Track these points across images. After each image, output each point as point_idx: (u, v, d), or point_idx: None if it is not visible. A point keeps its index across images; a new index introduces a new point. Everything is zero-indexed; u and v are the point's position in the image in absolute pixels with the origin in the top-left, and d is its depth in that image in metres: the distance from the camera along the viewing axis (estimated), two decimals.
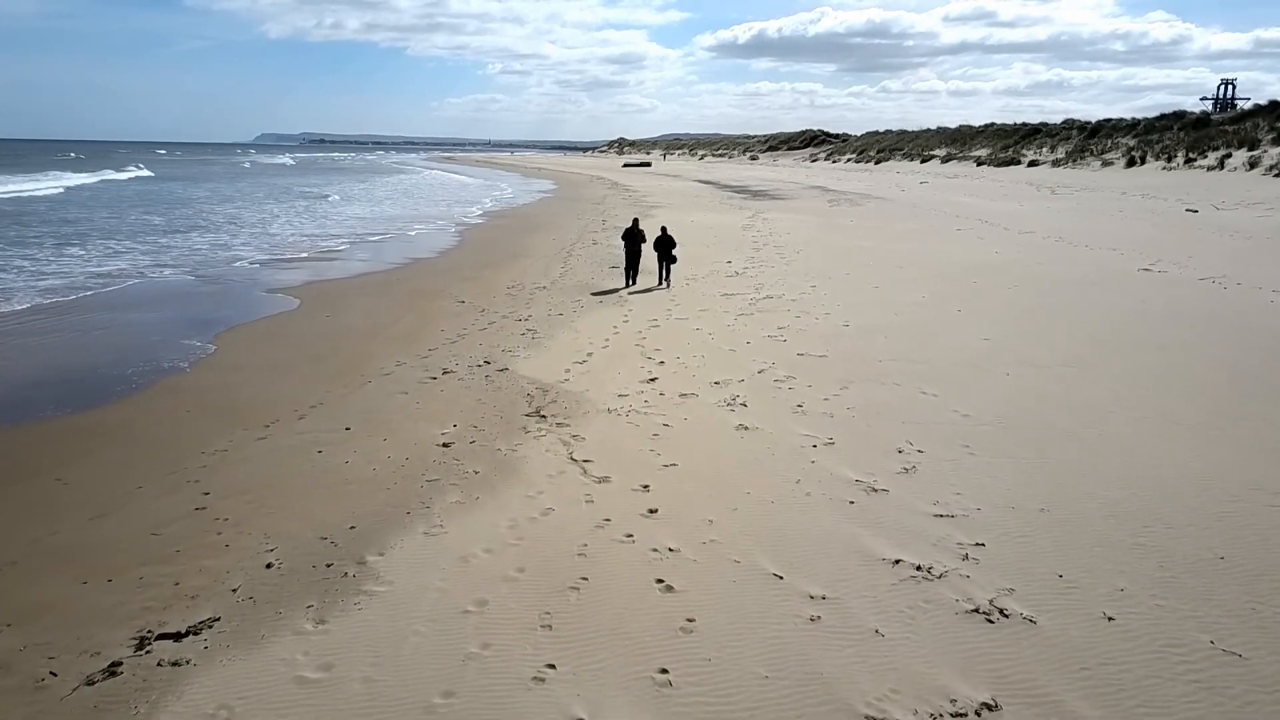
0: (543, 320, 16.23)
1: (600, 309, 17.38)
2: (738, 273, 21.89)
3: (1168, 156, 57.91)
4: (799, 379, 11.70)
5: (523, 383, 11.83)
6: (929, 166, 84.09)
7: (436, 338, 14.87)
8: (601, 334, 14.95)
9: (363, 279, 21.98)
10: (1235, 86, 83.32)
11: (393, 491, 8.07)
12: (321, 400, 11.18)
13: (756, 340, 14.18)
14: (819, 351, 13.23)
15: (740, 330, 15.00)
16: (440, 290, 20.01)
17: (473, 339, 14.72)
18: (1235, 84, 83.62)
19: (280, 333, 15.48)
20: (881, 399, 10.75)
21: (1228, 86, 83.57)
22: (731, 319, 16.02)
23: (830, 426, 9.68)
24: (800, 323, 15.48)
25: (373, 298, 19.13)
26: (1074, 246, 25.93)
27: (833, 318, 15.90)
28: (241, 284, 20.89)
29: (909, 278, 20.55)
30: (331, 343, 14.63)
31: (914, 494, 7.77)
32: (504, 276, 22.09)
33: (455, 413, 10.49)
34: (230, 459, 9.07)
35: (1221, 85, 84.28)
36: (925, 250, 25.72)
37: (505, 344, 14.25)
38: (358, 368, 12.85)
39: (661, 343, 14.14)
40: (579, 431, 9.66)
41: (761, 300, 17.82)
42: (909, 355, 12.97)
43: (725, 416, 10.14)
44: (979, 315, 16.01)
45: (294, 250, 27.43)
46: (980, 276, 20.54)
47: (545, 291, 19.57)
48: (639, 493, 7.89)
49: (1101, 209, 38.39)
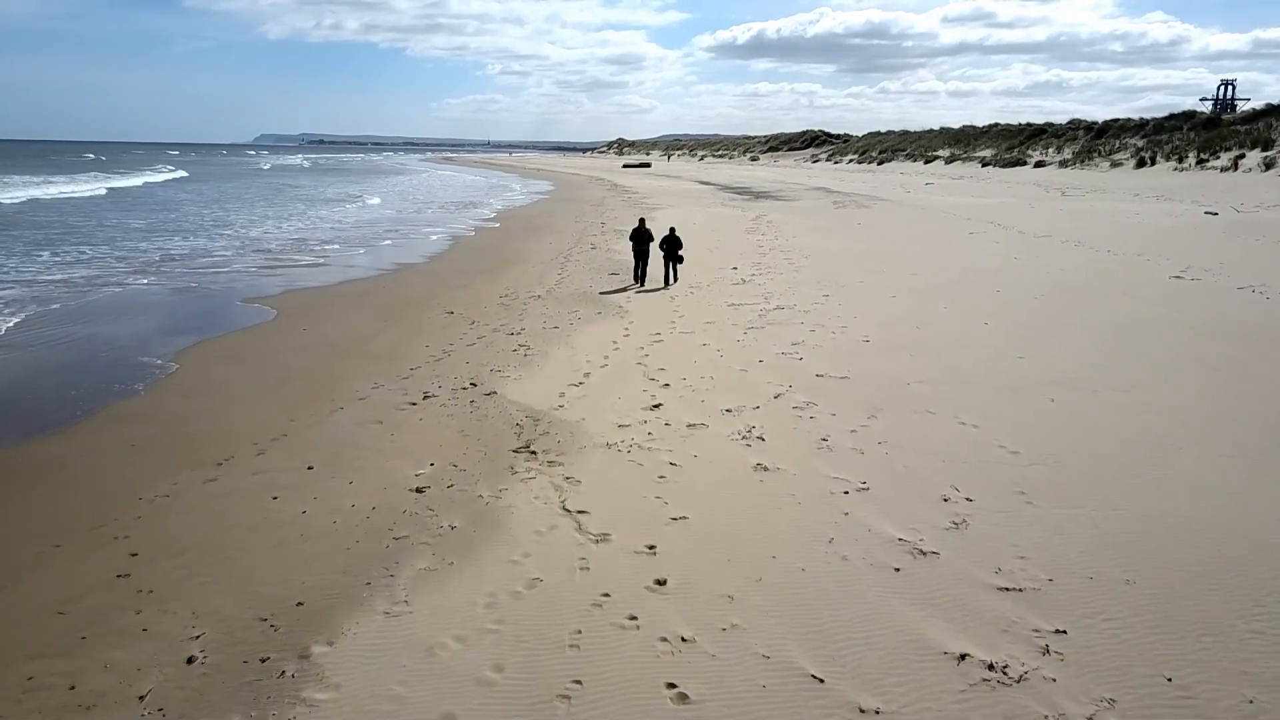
0: (536, 334, 15.01)
1: (599, 321, 16.17)
2: (744, 280, 20.67)
3: (1178, 157, 56.75)
4: (820, 405, 10.48)
5: (512, 409, 10.60)
6: (933, 167, 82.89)
7: (420, 354, 13.65)
8: (600, 350, 13.73)
9: (346, 287, 20.74)
10: (1235, 87, 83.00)
11: (353, 552, 6.85)
12: (285, 431, 9.95)
13: (769, 358, 12.96)
14: (839, 372, 12.02)
15: (751, 346, 13.78)
16: (428, 299, 18.80)
17: (459, 356, 13.49)
18: (1235, 84, 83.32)
19: (250, 349, 14.24)
20: (916, 431, 9.52)
21: (1227, 87, 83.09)
22: (741, 333, 14.81)
23: (862, 466, 8.46)
24: (816, 338, 14.26)
25: (355, 308, 17.91)
26: (1095, 251, 24.71)
27: (850, 332, 14.68)
28: (220, 292, 19.66)
29: (926, 286, 19.34)
30: (305, 361, 13.40)
31: (969, 557, 6.55)
32: (497, 284, 20.88)
33: (434, 447, 9.27)
34: (171, 507, 7.84)
35: (1221, 86, 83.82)
36: (939, 255, 24.51)
37: (494, 362, 13.03)
38: (330, 391, 11.63)
39: (666, 361, 12.92)
40: (574, 472, 8.45)
41: (772, 312, 16.60)
42: (939, 376, 11.75)
43: (740, 453, 8.92)
44: (1008, 328, 14.79)
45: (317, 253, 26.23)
46: (1002, 284, 19.32)
47: (540, 301, 18.36)
48: (643, 555, 6.67)
49: (1116, 211, 37.16)
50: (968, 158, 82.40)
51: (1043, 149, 74.87)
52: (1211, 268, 21.06)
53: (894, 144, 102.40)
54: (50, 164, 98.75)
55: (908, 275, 21.19)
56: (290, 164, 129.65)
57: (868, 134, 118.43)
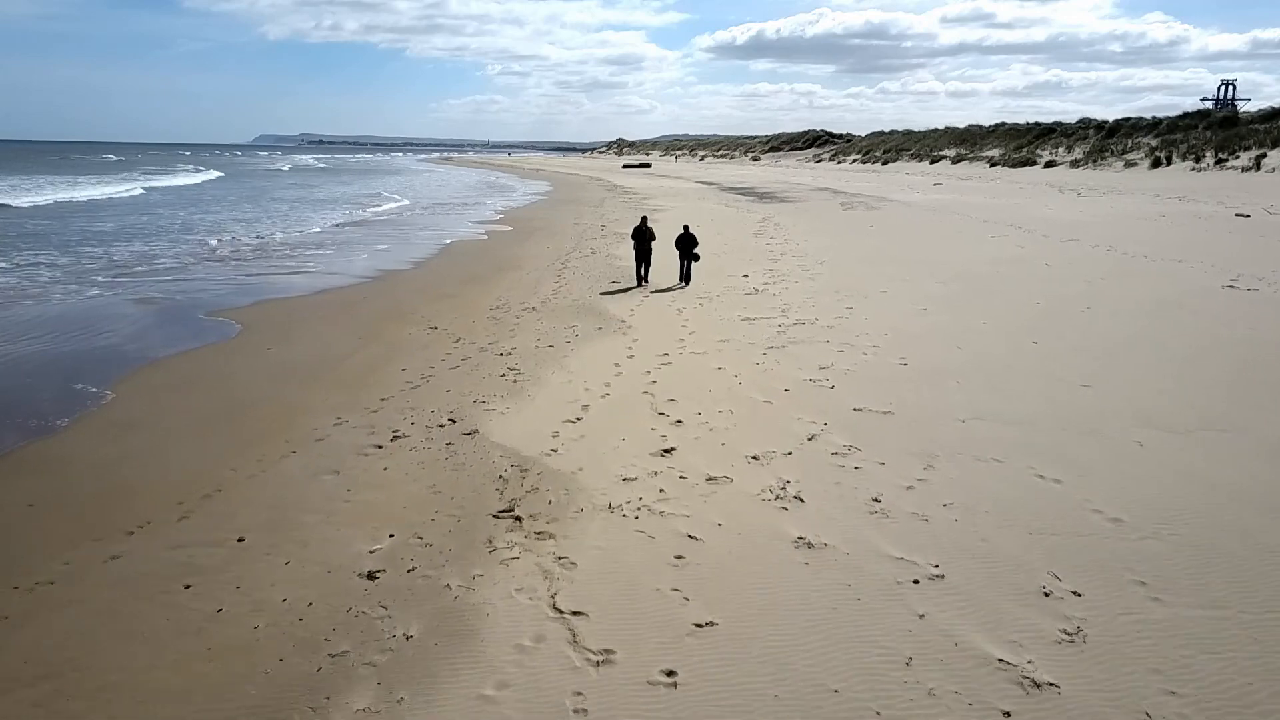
0: (529, 354, 13.30)
1: (599, 338, 14.45)
2: (757, 290, 18.96)
3: (1195, 157, 55.08)
4: (864, 450, 8.77)
5: (495, 455, 8.89)
6: (939, 167, 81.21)
7: (395, 380, 11.94)
8: (600, 375, 12.03)
9: (325, 297, 19.01)
10: (1235, 87, 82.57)
11: (272, 678, 5.13)
12: (222, 484, 8.23)
13: (796, 385, 11.25)
14: (880, 405, 10.30)
15: (773, 370, 12.07)
16: (411, 311, 17.08)
17: (440, 382, 11.78)
18: (1235, 85, 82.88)
19: (202, 374, 12.51)
20: (985, 487, 7.82)
21: (1228, 87, 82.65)
22: (759, 353, 13.10)
23: (929, 540, 6.76)
24: (845, 360, 12.55)
25: (330, 322, 16.18)
26: (1130, 257, 23.00)
27: (884, 353, 12.97)
28: (186, 304, 17.92)
29: (956, 296, 17.63)
30: (262, 388, 11.68)
31: (1102, 693, 4.85)
32: (488, 293, 19.17)
33: (397, 509, 7.56)
34: (53, 600, 6.13)
35: (1222, 86, 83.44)
36: (962, 261, 22.80)
37: (479, 390, 11.32)
38: (285, 428, 9.91)
39: (676, 388, 11.22)
40: (567, 548, 6.74)
41: (792, 327, 14.89)
42: (998, 411, 10.04)
43: (775, 520, 7.21)
44: (1062, 350, 13.08)
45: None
46: (1039, 295, 17.61)
47: (534, 314, 16.64)
48: (660, 688, 4.96)
49: (1139, 213, 35.45)
50: (975, 158, 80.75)
51: (1052, 149, 73.23)
52: (1264, 275, 19.36)
53: (898, 144, 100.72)
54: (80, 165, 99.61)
55: (933, 284, 19.48)
56: (305, 165, 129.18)
57: (871, 134, 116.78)
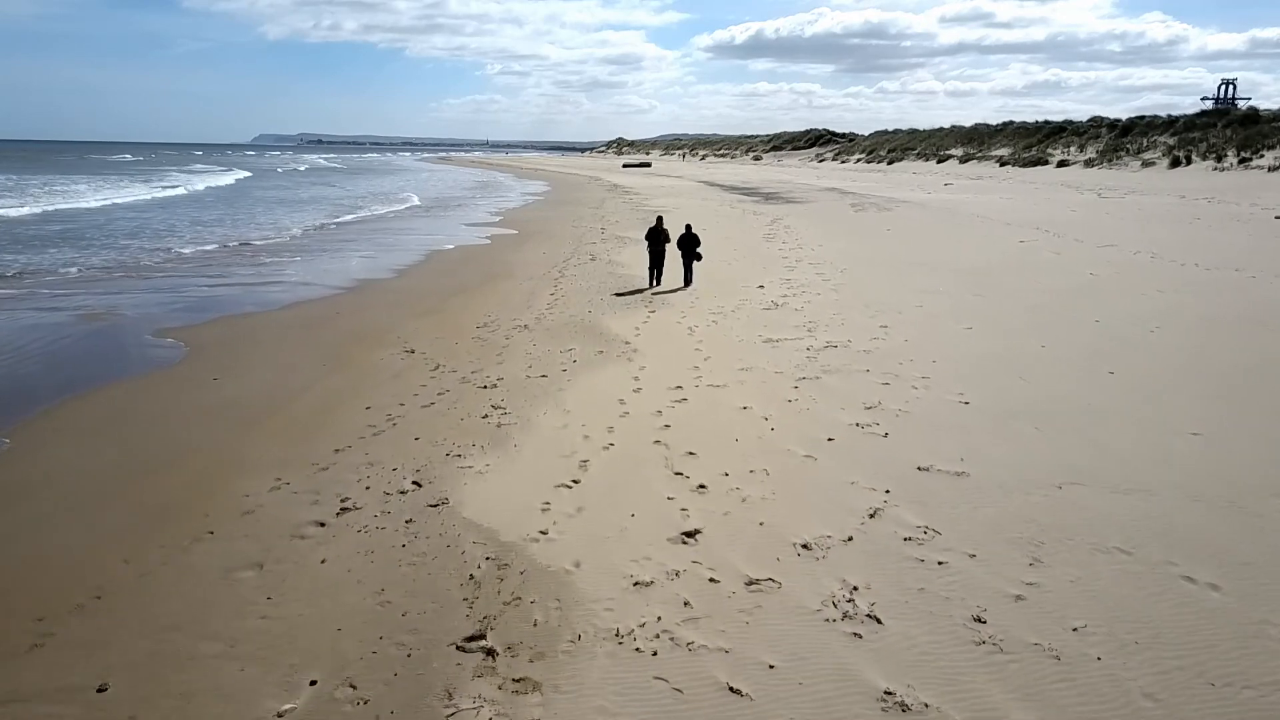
0: (518, 387, 11.27)
1: (601, 365, 12.44)
2: (776, 303, 16.95)
3: (1216, 156, 53.13)
4: (945, 534, 6.76)
5: (467, 540, 6.87)
6: (946, 166, 79.29)
7: (356, 422, 9.91)
8: (603, 414, 10.01)
9: (292, 312, 16.97)
10: (1236, 86, 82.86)
11: None
12: (103, 588, 6.20)
13: (840, 432, 9.24)
14: (949, 462, 8.28)
15: (809, 410, 10.06)
16: (387, 331, 15.05)
17: (408, 426, 9.76)
18: (1236, 84, 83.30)
19: (125, 414, 10.46)
20: (1121, 598, 5.79)
21: (1228, 86, 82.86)
22: (790, 386, 11.08)
23: (1072, 696, 4.74)
24: (894, 396, 10.53)
25: (293, 344, 14.15)
26: (1181, 265, 20.99)
27: (937, 386, 10.96)
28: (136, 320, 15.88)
29: (1001, 313, 15.62)
30: (194, 435, 9.66)
31: None
32: (475, 308, 17.15)
33: (328, 632, 5.54)
34: None
35: (1222, 85, 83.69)
36: (995, 269, 20.78)
37: (455, 437, 9.30)
38: (208, 495, 7.89)
39: (694, 435, 9.20)
40: (559, 711, 4.71)
41: (823, 351, 12.88)
42: (1099, 472, 8.01)
43: (847, 657, 5.18)
44: (1148, 383, 11.06)
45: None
46: (1095, 310, 15.59)
47: (527, 333, 14.63)
48: None
49: (1169, 215, 33.45)
50: (983, 157, 78.81)
51: (1063, 148, 71.25)
52: None
53: (903, 143, 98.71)
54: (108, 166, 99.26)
55: (970, 296, 17.49)
56: (321, 165, 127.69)
57: (874, 133, 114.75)
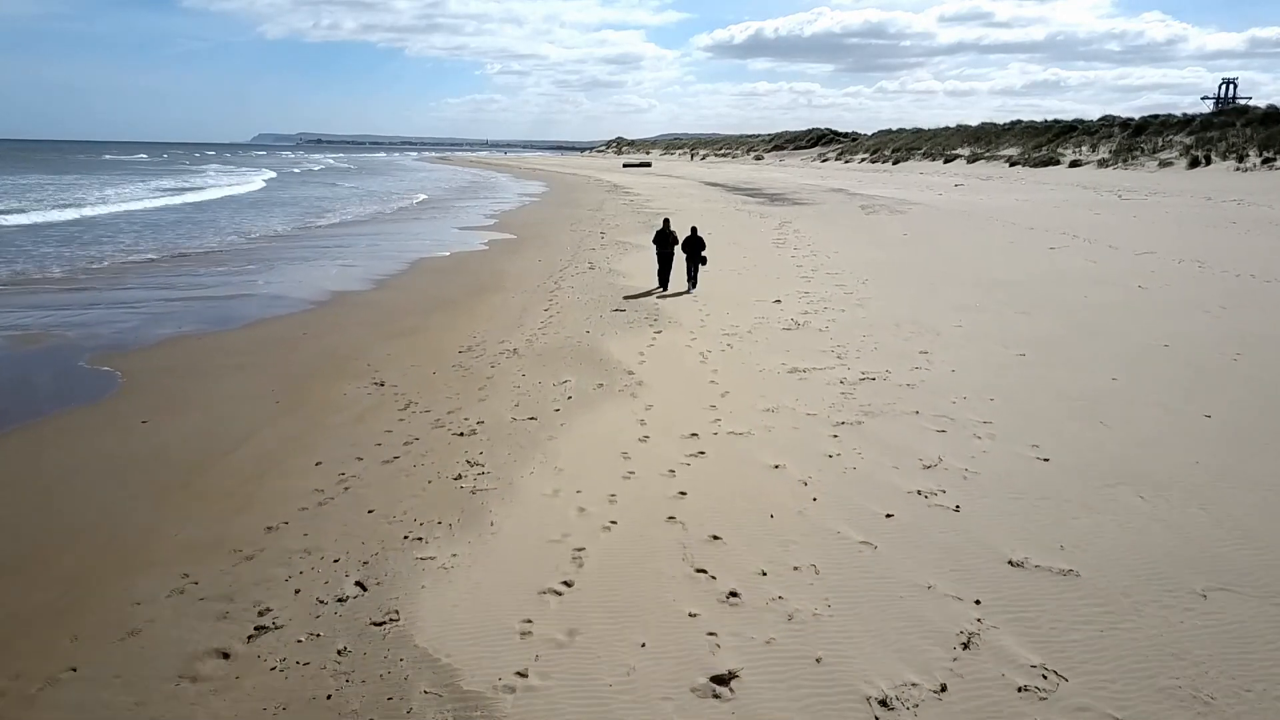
0: (500, 435, 9.40)
1: (600, 404, 10.56)
2: (796, 322, 15.08)
3: (1237, 156, 51.28)
4: (1071, 678, 4.89)
5: (416, 686, 4.98)
6: (953, 166, 77.47)
7: (298, 488, 8.05)
8: (602, 476, 8.15)
9: (255, 331, 15.10)
10: (1237, 86, 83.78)
11: None
12: None
13: (900, 505, 7.37)
14: (1046, 551, 6.41)
15: (857, 471, 8.18)
16: (357, 355, 13.20)
17: (362, 492, 7.89)
18: (1237, 83, 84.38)
19: (16, 476, 8.54)
20: None
21: (1229, 86, 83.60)
22: (826, 435, 9.21)
23: None
24: (953, 448, 8.66)
25: (245, 374, 12.27)
26: (1236, 277, 19.12)
27: (1002, 434, 9.08)
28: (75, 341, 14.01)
29: (1055, 337, 13.75)
30: (94, 506, 7.77)
31: None
32: (460, 327, 15.29)
33: None
34: None
35: (1223, 84, 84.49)
36: (1032, 280, 18.93)
37: (417, 509, 7.43)
38: (81, 606, 6.01)
39: (717, 508, 7.34)
40: None
41: (859, 386, 11.02)
42: (1248, 571, 6.13)
43: None
44: (1258, 430, 9.21)
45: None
46: (1160, 333, 13.76)
47: (516, 360, 12.77)
48: None
49: (1201, 218, 31.60)
50: (991, 156, 76.98)
51: (1074, 147, 69.41)
52: None
53: (907, 142, 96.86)
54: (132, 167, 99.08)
55: (1012, 313, 15.65)
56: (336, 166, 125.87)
57: (878, 132, 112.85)
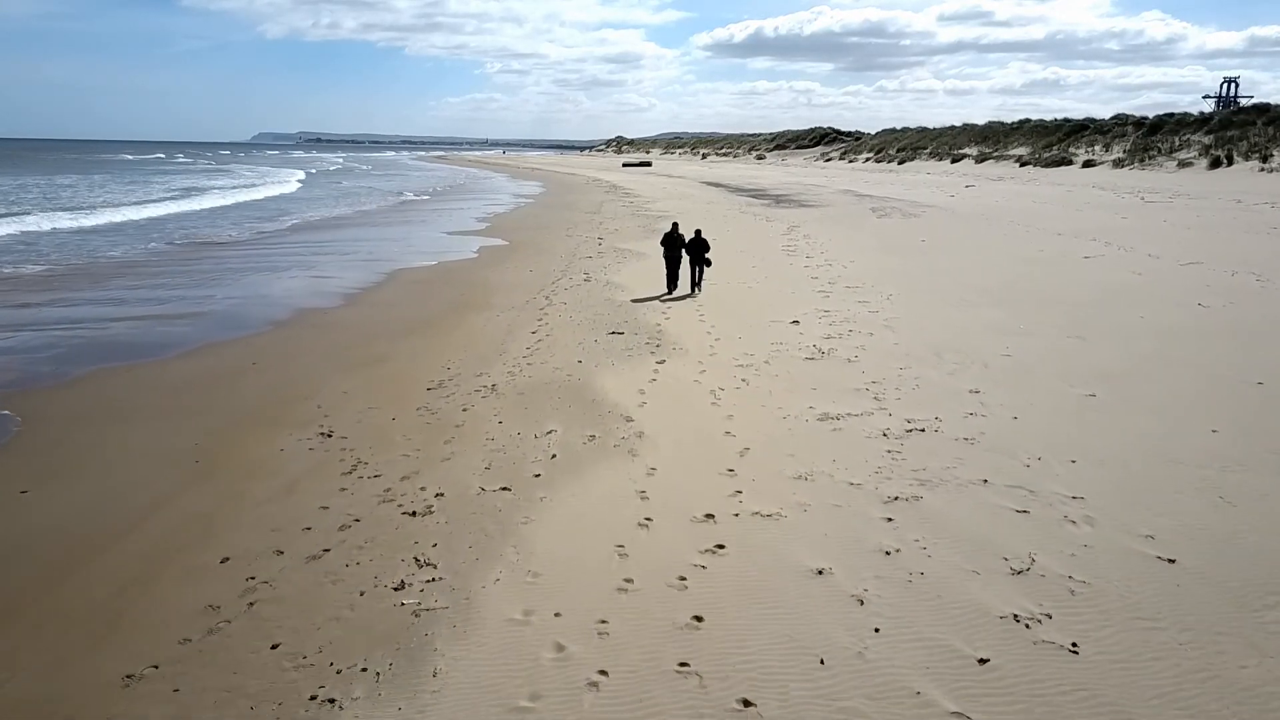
0: (463, 516, 7.40)
1: (591, 467, 8.56)
2: (820, 350, 13.09)
3: (1261, 156, 49.25)
4: None
5: None
6: (961, 166, 75.51)
7: (187, 603, 6.06)
8: (590, 588, 6.16)
9: (193, 362, 13.10)
10: (1238, 85, 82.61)
11: None
12: None
13: (994, 641, 5.40)
14: None
15: (925, 578, 6.19)
16: (308, 395, 11.20)
17: (267, 618, 5.88)
18: (1238, 82, 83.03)
19: None
20: None
21: (1230, 85, 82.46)
22: (878, 516, 7.22)
23: None
24: (1048, 542, 6.67)
25: (168, 420, 10.26)
26: None
27: (1103, 518, 7.09)
28: None
29: (1121, 371, 11.75)
30: None
31: None
32: (433, 355, 13.31)
33: None
34: None
35: (1224, 83, 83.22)
36: (1076, 297, 16.91)
37: (336, 651, 5.44)
38: None
39: (748, 647, 5.36)
40: None
41: (907, 440, 9.02)
42: None
43: None
44: None
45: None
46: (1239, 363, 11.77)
47: (493, 399, 10.78)
48: None
49: (1237, 224, 29.58)
50: (1000, 156, 74.98)
51: (1086, 147, 67.41)
52: None
53: (912, 141, 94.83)
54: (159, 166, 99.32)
55: (1065, 339, 13.67)
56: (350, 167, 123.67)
57: (882, 131, 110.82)
